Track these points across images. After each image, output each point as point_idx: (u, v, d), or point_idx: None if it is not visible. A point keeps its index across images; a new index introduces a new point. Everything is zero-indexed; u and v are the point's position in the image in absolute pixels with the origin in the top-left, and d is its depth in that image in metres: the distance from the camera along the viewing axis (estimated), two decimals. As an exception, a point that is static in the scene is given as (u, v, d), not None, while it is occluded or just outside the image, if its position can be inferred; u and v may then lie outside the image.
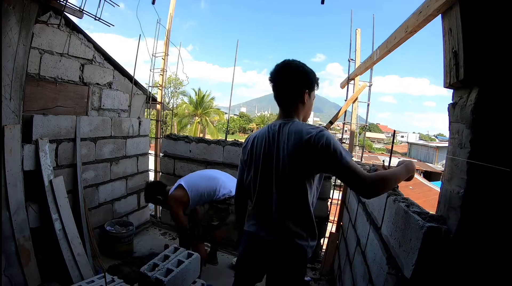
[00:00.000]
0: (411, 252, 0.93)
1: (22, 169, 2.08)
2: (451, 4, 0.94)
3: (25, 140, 2.13)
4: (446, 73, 0.99)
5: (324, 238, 3.08)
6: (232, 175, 3.20)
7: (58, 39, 2.52)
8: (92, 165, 2.81)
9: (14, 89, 1.97)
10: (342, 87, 3.32)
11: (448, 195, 0.94)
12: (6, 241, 1.90)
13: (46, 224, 2.19)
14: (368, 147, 28.74)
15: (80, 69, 2.78)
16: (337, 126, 20.84)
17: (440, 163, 19.44)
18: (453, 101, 0.99)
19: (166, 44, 3.81)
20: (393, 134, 7.95)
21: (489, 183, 0.81)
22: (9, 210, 1.93)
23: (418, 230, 0.89)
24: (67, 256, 2.17)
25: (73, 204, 2.47)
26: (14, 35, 1.92)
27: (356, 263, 1.72)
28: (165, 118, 13.71)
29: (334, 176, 1.18)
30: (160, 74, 3.80)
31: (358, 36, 3.11)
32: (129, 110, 3.41)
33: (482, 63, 0.84)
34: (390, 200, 1.26)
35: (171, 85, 19.47)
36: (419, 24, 1.25)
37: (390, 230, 1.19)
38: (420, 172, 15.98)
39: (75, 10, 2.38)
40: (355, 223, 2.03)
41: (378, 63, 2.18)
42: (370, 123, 59.98)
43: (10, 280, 1.89)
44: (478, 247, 0.83)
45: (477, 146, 0.83)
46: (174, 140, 3.49)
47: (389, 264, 1.10)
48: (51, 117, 2.37)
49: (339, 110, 3.23)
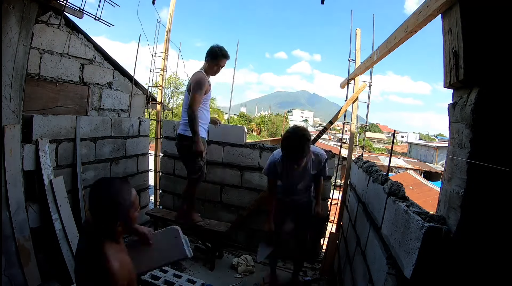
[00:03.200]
0: (411, 252, 0.93)
1: (22, 169, 2.08)
2: (451, 4, 0.95)
3: (25, 140, 2.13)
4: (446, 73, 0.99)
5: (324, 238, 3.08)
6: (232, 174, 3.21)
7: (58, 39, 2.52)
8: (92, 165, 2.81)
9: (14, 89, 1.97)
10: (342, 87, 3.32)
11: (448, 195, 0.94)
12: (6, 241, 1.90)
13: (46, 224, 2.19)
14: (368, 147, 28.74)
15: (80, 69, 2.78)
16: (337, 126, 20.85)
17: (440, 163, 19.43)
18: (453, 101, 0.99)
19: (166, 44, 3.80)
20: (393, 134, 7.96)
21: (489, 183, 0.81)
22: (9, 210, 1.93)
23: (418, 230, 0.89)
24: (67, 256, 2.17)
25: (73, 204, 2.47)
26: (14, 35, 1.92)
27: (356, 263, 1.72)
28: (165, 118, 13.70)
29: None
30: (160, 74, 3.80)
31: (358, 36, 3.11)
32: (129, 110, 3.41)
33: (482, 63, 0.84)
34: (390, 200, 1.26)
35: (171, 85, 19.47)
36: (419, 24, 1.25)
37: (390, 230, 1.19)
38: (420, 172, 15.98)
39: (75, 10, 2.38)
40: (355, 223, 2.03)
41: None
42: (370, 123, 59.96)
43: (10, 280, 1.89)
44: (478, 247, 0.83)
45: (477, 146, 0.83)
46: (174, 140, 3.49)
47: (389, 264, 1.10)
48: (51, 117, 2.37)
49: (339, 110, 3.23)
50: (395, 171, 15.61)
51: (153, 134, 4.16)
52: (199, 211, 2.95)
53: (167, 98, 20.90)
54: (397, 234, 1.09)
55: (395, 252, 1.09)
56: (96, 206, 1.11)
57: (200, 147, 2.40)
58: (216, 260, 2.77)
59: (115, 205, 1.09)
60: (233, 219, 3.10)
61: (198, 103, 2.37)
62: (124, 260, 1.14)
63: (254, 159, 3.13)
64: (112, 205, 1.09)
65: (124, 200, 1.11)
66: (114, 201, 1.09)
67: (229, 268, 2.72)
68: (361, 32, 3.13)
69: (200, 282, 2.01)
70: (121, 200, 1.10)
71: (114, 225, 1.11)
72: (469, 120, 0.85)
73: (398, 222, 1.11)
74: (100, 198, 1.10)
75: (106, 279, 1.03)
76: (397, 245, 1.07)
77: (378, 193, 1.49)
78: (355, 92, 3.08)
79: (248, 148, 3.14)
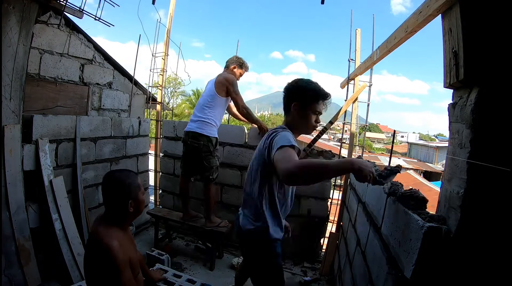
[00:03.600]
0: (411, 252, 0.93)
1: (22, 169, 2.08)
2: (451, 4, 0.95)
3: (25, 140, 2.13)
4: (446, 73, 0.99)
5: (324, 238, 3.09)
6: (232, 174, 3.21)
7: (58, 39, 2.52)
8: (92, 165, 2.81)
9: (14, 89, 1.97)
10: (342, 87, 3.32)
11: (448, 195, 0.94)
12: (6, 241, 1.90)
13: (46, 224, 2.19)
14: (368, 147, 28.74)
15: (80, 69, 2.78)
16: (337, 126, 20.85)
17: (440, 163, 19.43)
18: (453, 101, 0.99)
19: (166, 44, 3.80)
20: (393, 134, 7.97)
21: (489, 183, 0.81)
22: (9, 210, 1.93)
23: (418, 230, 0.89)
24: (67, 256, 2.17)
25: (73, 204, 2.47)
26: (14, 35, 1.92)
27: (356, 263, 1.72)
28: (165, 118, 13.70)
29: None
30: (160, 74, 3.80)
31: (358, 36, 3.11)
32: (129, 110, 3.41)
33: (482, 63, 0.84)
34: (390, 200, 1.26)
35: (171, 85, 19.46)
36: (419, 24, 1.25)
37: (390, 230, 1.19)
38: (420, 172, 15.98)
39: (75, 10, 2.38)
40: (355, 223, 2.03)
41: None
42: (370, 123, 59.94)
43: (10, 280, 1.89)
44: (478, 247, 0.83)
45: (477, 146, 0.83)
46: (174, 140, 3.49)
47: (389, 264, 1.10)
48: (51, 117, 2.37)
49: (339, 110, 3.23)
50: (395, 171, 15.58)
51: (153, 134, 4.16)
52: (199, 210, 2.95)
53: (167, 98, 20.90)
54: (397, 234, 1.09)
55: (395, 252, 1.09)
56: (109, 189, 1.29)
57: (265, 126, 2.76)
58: (216, 260, 2.77)
59: (126, 185, 1.28)
60: (233, 219, 3.10)
61: (241, 97, 2.55)
62: (125, 243, 1.26)
63: (254, 159, 3.13)
64: (124, 185, 1.28)
65: (133, 181, 1.31)
66: (125, 182, 1.28)
67: (229, 268, 2.72)
68: (360, 32, 3.13)
69: (200, 282, 2.01)
70: (131, 181, 1.30)
71: (126, 204, 1.27)
72: (469, 120, 0.85)
73: (398, 222, 1.11)
74: (113, 181, 1.30)
75: (105, 254, 1.15)
76: (397, 245, 1.07)
77: (378, 193, 1.49)
78: (355, 92, 3.07)
79: (248, 148, 3.14)
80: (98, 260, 1.19)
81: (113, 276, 1.16)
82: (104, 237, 1.19)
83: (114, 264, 1.14)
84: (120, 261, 1.15)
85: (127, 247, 1.26)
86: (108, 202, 1.31)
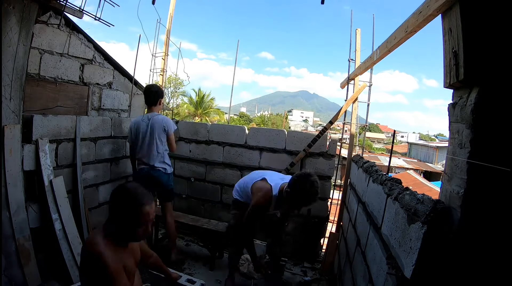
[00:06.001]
0: (411, 252, 0.93)
1: (22, 169, 2.08)
2: (451, 4, 0.95)
3: (25, 140, 2.13)
4: (446, 73, 0.99)
5: (324, 238, 3.09)
6: (232, 174, 3.21)
7: (58, 39, 2.52)
8: (92, 165, 2.81)
9: (14, 89, 1.97)
10: (342, 87, 3.32)
11: (448, 195, 0.94)
12: (6, 241, 1.90)
13: (46, 224, 2.19)
14: (368, 147, 28.72)
15: (80, 69, 2.78)
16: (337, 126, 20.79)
17: (440, 163, 19.43)
18: (453, 101, 0.99)
19: (166, 44, 3.80)
20: (393, 134, 7.96)
21: (489, 183, 0.81)
22: (9, 210, 1.93)
23: (418, 230, 0.89)
24: (67, 256, 2.17)
25: (73, 204, 2.47)
26: (14, 35, 1.92)
27: (356, 263, 1.72)
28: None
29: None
30: (160, 74, 3.80)
31: (358, 36, 3.11)
32: (129, 110, 3.41)
33: (482, 63, 0.84)
34: (390, 200, 1.26)
35: (171, 85, 19.46)
36: (419, 24, 1.25)
37: (390, 230, 1.19)
38: (420, 172, 15.98)
39: (75, 10, 2.38)
40: (355, 223, 2.03)
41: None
42: (370, 123, 59.89)
43: (10, 280, 1.89)
44: (478, 247, 0.83)
45: (477, 146, 0.83)
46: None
47: (389, 264, 1.10)
48: (51, 117, 2.37)
49: (339, 110, 3.23)
50: (395, 171, 15.62)
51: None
52: (199, 210, 2.95)
53: (167, 98, 20.88)
54: (397, 234, 1.09)
55: (395, 252, 1.09)
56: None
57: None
58: (216, 260, 2.77)
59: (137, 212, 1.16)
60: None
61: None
62: (118, 250, 1.19)
63: (254, 159, 3.13)
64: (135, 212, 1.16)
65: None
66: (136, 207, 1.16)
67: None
68: (361, 33, 3.13)
69: (200, 282, 2.01)
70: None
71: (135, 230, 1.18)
72: (469, 120, 0.85)
73: (398, 222, 1.11)
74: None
75: (97, 263, 1.10)
76: (397, 245, 1.07)
77: (378, 193, 1.49)
78: (355, 92, 3.07)
79: (248, 148, 3.14)
80: (89, 268, 1.15)
81: (106, 285, 1.12)
82: (96, 245, 1.14)
83: (106, 272, 1.10)
84: (113, 269, 1.11)
85: (121, 255, 1.20)
86: (118, 220, 1.22)
